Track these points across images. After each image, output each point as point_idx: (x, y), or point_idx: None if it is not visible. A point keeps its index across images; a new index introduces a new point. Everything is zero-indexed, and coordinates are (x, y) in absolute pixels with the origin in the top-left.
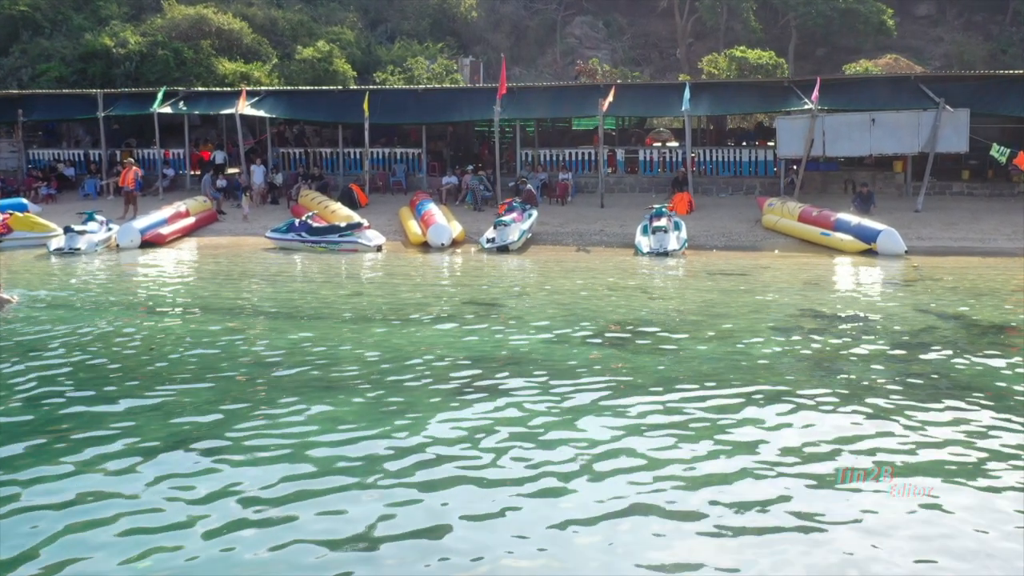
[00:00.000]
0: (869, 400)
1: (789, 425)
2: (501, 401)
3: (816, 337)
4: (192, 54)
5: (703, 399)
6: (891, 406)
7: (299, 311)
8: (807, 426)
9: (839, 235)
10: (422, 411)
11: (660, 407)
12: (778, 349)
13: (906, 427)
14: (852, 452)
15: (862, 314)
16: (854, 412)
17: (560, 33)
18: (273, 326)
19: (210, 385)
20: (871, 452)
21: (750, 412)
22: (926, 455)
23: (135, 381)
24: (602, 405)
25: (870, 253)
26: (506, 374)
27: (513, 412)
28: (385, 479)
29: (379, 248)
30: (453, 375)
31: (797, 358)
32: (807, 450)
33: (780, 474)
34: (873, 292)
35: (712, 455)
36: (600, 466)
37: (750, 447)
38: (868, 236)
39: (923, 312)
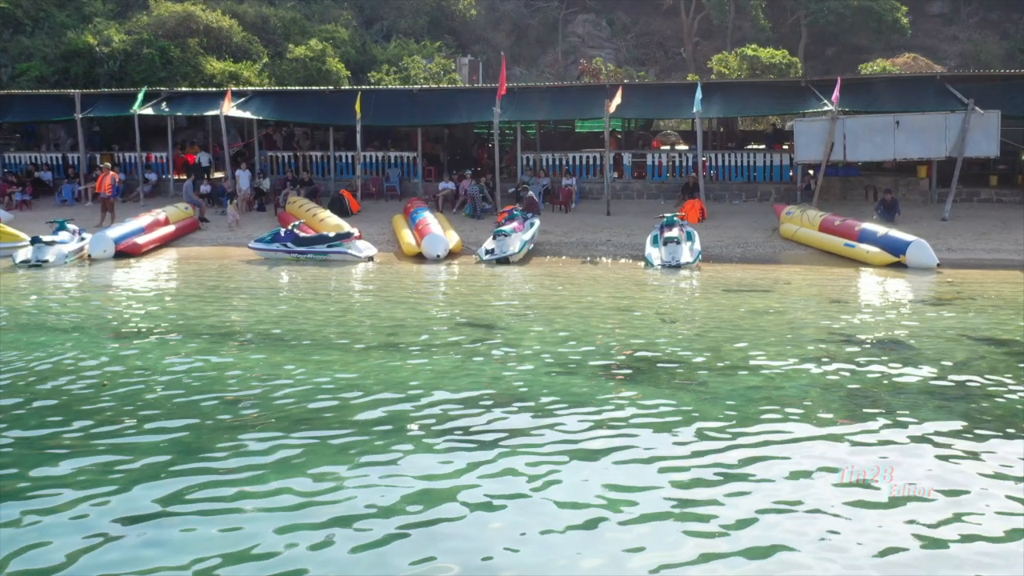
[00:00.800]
0: (922, 447)
1: (835, 474)
2: (503, 453)
3: (853, 367)
4: (179, 53)
5: (734, 447)
6: (952, 455)
7: (279, 335)
8: (858, 481)
9: (865, 247)
10: (411, 467)
11: (686, 460)
12: (812, 383)
13: (975, 486)
14: (906, 512)
15: (900, 339)
16: (904, 459)
17: (562, 32)
18: (249, 354)
19: (168, 437)
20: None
21: (790, 465)
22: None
23: (81, 431)
24: (619, 458)
25: (898, 266)
26: (507, 418)
27: (518, 469)
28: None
29: (370, 259)
30: (448, 419)
31: (835, 394)
32: (860, 512)
33: (831, 543)
34: (908, 312)
35: (749, 516)
36: (621, 533)
37: (794, 509)
38: (897, 248)
39: (968, 337)
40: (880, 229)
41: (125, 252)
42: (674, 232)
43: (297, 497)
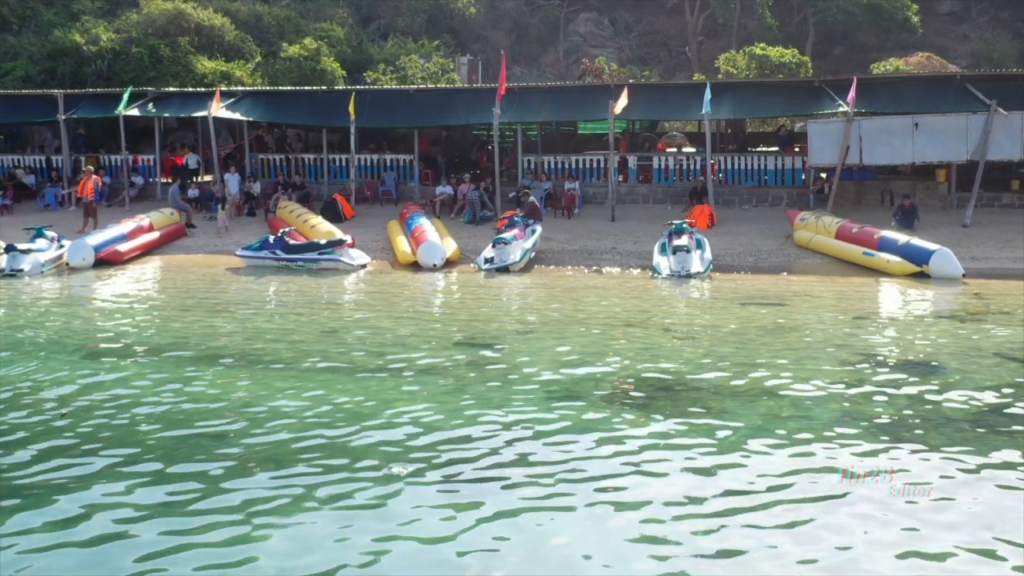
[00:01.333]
0: (983, 498)
1: (882, 531)
2: (506, 510)
3: (888, 393)
4: (169, 52)
5: (766, 505)
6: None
7: (262, 357)
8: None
9: (885, 255)
10: (404, 521)
11: (711, 520)
12: (844, 413)
13: None
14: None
15: (935, 360)
16: (967, 517)
17: (563, 31)
18: (229, 380)
19: (134, 483)
20: None
21: (832, 526)
22: None
23: (35, 476)
24: (635, 516)
25: (921, 276)
26: (510, 458)
27: (523, 524)
28: None
29: (363, 267)
30: (445, 460)
31: (871, 425)
32: None
33: None
34: (939, 329)
35: None
36: None
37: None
38: (919, 257)
39: (1009, 358)
40: (901, 237)
41: (106, 260)
42: (683, 240)
43: (277, 564)
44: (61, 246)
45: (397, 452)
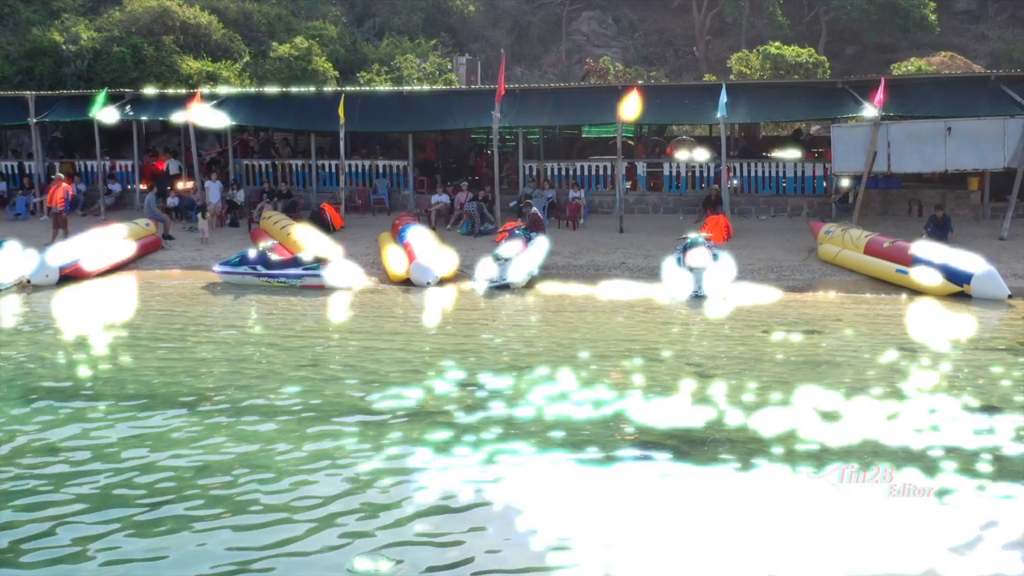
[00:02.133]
0: None
1: None
2: None
3: (955, 452)
4: (153, 51)
5: None
6: None
7: (225, 401)
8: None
9: (920, 273)
10: None
11: None
12: (908, 477)
13: None
14: None
15: (1001, 404)
16: None
17: (565, 30)
18: (182, 433)
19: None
20: None
21: None
22: None
23: None
24: None
25: (961, 296)
26: (508, 541)
27: None
28: None
29: (351, 286)
30: (428, 543)
31: (944, 496)
32: None
33: None
34: (992, 363)
35: None
36: None
37: None
38: (960, 276)
39: None
40: (938, 253)
41: (72, 277)
42: (699, 255)
43: None
44: None
45: (369, 544)
